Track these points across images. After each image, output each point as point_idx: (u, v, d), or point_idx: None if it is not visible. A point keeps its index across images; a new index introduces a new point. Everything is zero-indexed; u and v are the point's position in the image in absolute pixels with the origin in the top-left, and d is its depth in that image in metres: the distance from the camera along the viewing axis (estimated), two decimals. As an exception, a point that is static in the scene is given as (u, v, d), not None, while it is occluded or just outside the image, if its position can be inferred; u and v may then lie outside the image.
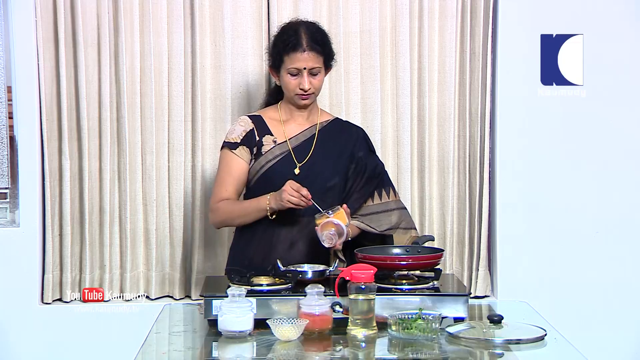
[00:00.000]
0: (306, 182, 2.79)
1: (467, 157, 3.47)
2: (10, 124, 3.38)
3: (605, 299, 3.45)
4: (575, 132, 3.44)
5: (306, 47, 2.82)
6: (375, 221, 2.91)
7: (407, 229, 2.97)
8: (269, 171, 2.87)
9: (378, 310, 2.43)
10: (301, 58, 2.82)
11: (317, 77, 2.86)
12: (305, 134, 2.92)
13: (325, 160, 2.90)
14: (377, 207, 2.94)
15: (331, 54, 2.91)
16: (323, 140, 2.92)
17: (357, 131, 3.01)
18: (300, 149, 2.90)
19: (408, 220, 2.99)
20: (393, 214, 2.94)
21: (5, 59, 3.37)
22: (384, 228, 2.91)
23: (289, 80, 2.85)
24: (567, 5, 3.41)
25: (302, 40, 2.83)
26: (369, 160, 2.96)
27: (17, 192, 3.40)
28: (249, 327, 2.40)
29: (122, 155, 3.41)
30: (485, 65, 3.42)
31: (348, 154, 2.93)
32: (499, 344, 2.34)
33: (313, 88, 2.86)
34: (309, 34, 2.85)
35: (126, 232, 3.42)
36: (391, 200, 2.96)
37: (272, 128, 2.92)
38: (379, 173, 2.97)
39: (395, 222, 2.94)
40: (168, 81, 3.42)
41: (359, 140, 2.97)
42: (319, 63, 2.85)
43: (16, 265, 3.36)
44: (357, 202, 2.92)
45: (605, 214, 3.46)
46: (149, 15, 3.38)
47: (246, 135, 2.89)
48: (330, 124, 2.97)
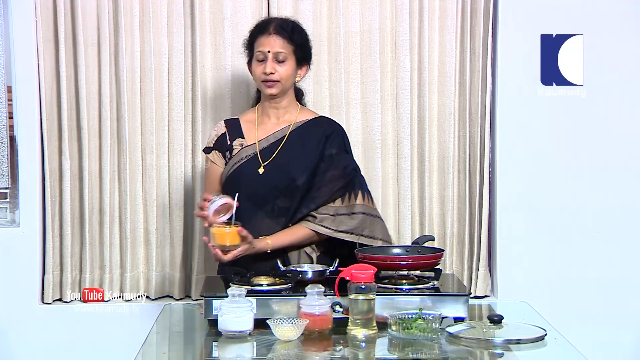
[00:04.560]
0: (270, 182, 2.84)
1: (467, 157, 3.47)
2: (10, 124, 3.38)
3: (605, 299, 3.45)
4: (575, 132, 3.44)
5: (272, 31, 2.86)
6: (337, 222, 2.84)
7: (371, 237, 2.85)
8: (236, 172, 2.90)
9: (378, 310, 2.43)
10: (266, 41, 2.85)
11: (283, 65, 2.85)
12: (276, 135, 2.92)
13: (292, 160, 2.87)
14: (342, 208, 2.86)
15: (304, 47, 2.91)
16: (293, 140, 2.90)
17: (333, 128, 2.94)
18: (268, 149, 2.90)
19: (375, 230, 2.87)
20: (356, 217, 2.85)
21: (5, 59, 3.36)
22: (342, 229, 2.83)
23: (256, 66, 2.88)
24: (567, 5, 3.41)
25: (270, 25, 2.88)
26: (340, 159, 2.89)
27: (17, 192, 3.40)
28: (249, 327, 2.40)
29: (122, 155, 3.41)
30: (485, 65, 3.42)
31: (318, 151, 2.88)
32: (499, 344, 2.35)
33: (278, 75, 2.85)
34: (279, 21, 2.91)
35: (126, 232, 3.42)
36: (358, 204, 2.86)
37: (245, 131, 2.95)
38: (348, 174, 2.89)
39: (356, 225, 2.84)
40: (168, 81, 3.42)
41: (331, 138, 2.91)
42: (286, 49, 2.85)
43: (16, 265, 3.36)
44: (321, 198, 2.84)
45: (605, 214, 3.46)
46: (149, 15, 3.38)
47: (218, 139, 2.96)
48: (306, 123, 2.94)
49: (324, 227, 2.83)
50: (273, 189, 2.84)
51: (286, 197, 2.83)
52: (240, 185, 2.83)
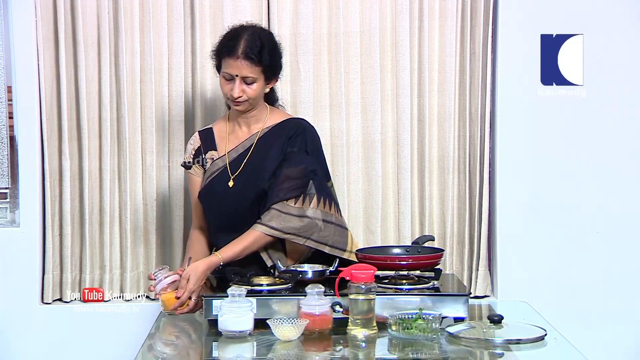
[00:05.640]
0: (240, 193, 2.83)
1: (467, 157, 3.47)
2: (10, 124, 3.38)
3: (606, 299, 3.45)
4: (575, 132, 3.44)
5: (240, 55, 2.79)
6: (284, 221, 2.74)
7: (319, 242, 2.76)
8: (208, 187, 2.91)
9: (378, 310, 2.43)
10: (234, 65, 2.80)
11: (252, 86, 2.82)
12: (245, 145, 2.91)
13: (259, 168, 2.85)
14: (293, 209, 2.75)
15: (272, 64, 2.85)
16: (260, 147, 2.88)
17: (297, 128, 2.89)
18: (237, 160, 2.89)
19: (327, 236, 2.77)
20: (304, 220, 2.75)
21: (5, 59, 3.36)
22: (286, 230, 2.73)
23: (223, 84, 2.85)
24: (567, 5, 3.41)
25: (239, 47, 2.79)
26: (299, 158, 2.83)
27: (17, 192, 3.40)
28: (249, 327, 2.41)
29: (122, 155, 3.41)
30: (485, 65, 3.42)
31: (282, 153, 2.86)
32: (499, 344, 2.35)
33: (246, 95, 2.82)
34: (248, 42, 2.80)
35: (126, 232, 3.42)
36: (312, 207, 2.77)
37: (218, 142, 2.95)
38: (305, 175, 2.79)
39: (303, 228, 2.74)
40: (168, 81, 3.42)
41: (293, 137, 2.87)
42: (254, 73, 2.80)
43: (16, 265, 3.36)
44: (276, 197, 2.76)
45: (605, 214, 3.46)
46: (149, 15, 3.38)
47: (195, 153, 2.98)
48: (273, 128, 2.91)
49: (271, 227, 2.74)
50: (243, 200, 2.83)
51: (258, 205, 2.81)
52: (212, 200, 2.88)
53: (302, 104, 3.42)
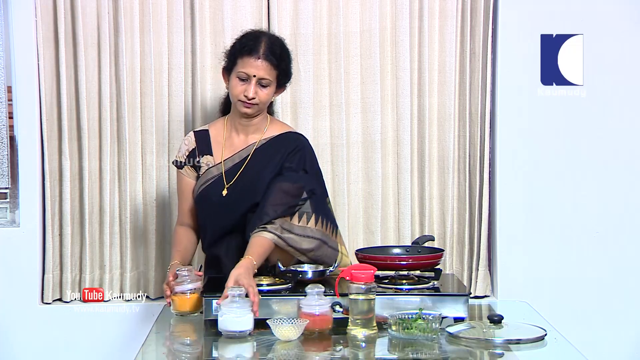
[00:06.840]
0: (234, 203, 2.82)
1: (467, 157, 3.47)
2: (10, 124, 3.38)
3: (605, 299, 3.45)
4: (575, 132, 3.44)
5: (261, 55, 2.78)
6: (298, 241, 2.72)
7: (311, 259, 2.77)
8: (202, 193, 2.90)
9: (378, 310, 2.43)
10: (254, 64, 2.78)
11: (265, 90, 2.80)
12: (241, 154, 2.88)
13: (254, 180, 2.83)
14: (298, 228, 2.73)
15: (287, 71, 2.86)
16: (256, 159, 2.86)
17: (296, 145, 2.87)
18: (232, 170, 2.87)
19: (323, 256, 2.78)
20: (313, 242, 2.75)
21: (5, 59, 3.36)
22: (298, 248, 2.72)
23: (236, 84, 2.81)
24: (567, 5, 3.41)
25: (260, 47, 2.79)
26: (297, 176, 2.82)
27: (17, 192, 3.40)
28: (249, 327, 2.40)
29: (122, 155, 3.41)
30: (485, 65, 3.42)
31: (279, 166, 2.83)
32: (499, 344, 2.35)
33: (258, 98, 2.80)
34: (269, 44, 2.81)
35: (126, 232, 3.42)
36: (314, 228, 2.76)
37: (214, 146, 2.92)
38: (301, 194, 2.77)
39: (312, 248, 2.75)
40: (168, 81, 3.42)
41: (292, 154, 2.85)
42: (271, 76, 2.80)
43: (16, 265, 3.36)
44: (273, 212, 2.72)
45: (605, 214, 3.46)
46: (149, 15, 3.38)
47: (189, 155, 2.94)
48: (271, 140, 2.88)
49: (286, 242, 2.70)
50: (236, 210, 2.82)
51: (252, 215, 2.79)
52: (206, 206, 2.87)
53: (302, 104, 3.42)
